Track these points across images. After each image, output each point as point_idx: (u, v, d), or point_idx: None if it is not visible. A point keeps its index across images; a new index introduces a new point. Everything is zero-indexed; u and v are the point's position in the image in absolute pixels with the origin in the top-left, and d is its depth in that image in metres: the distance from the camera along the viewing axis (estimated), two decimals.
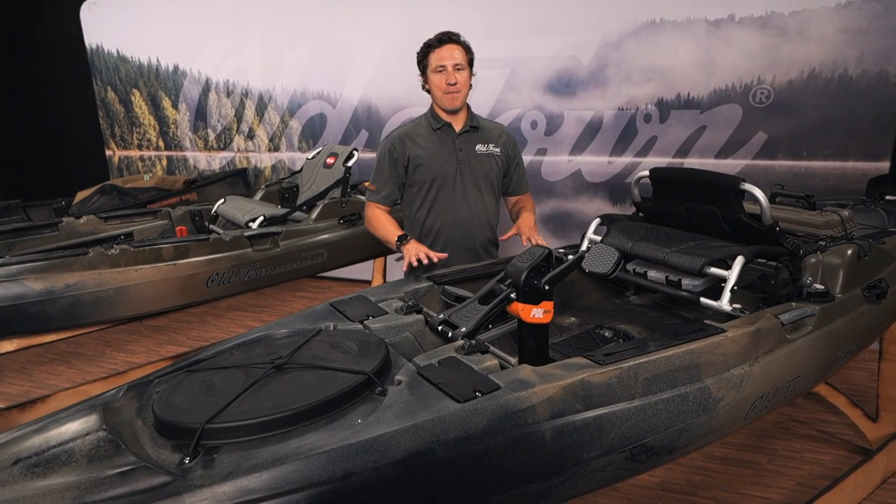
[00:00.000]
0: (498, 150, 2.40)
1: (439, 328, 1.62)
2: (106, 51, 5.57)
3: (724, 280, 1.82)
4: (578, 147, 4.45)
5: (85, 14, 5.51)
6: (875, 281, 1.99)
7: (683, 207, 2.18)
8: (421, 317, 1.68)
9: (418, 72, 2.33)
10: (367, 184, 2.48)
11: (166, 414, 1.18)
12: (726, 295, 1.78)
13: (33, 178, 6.26)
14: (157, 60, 5.45)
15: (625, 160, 4.37)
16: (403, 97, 4.79)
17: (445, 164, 2.32)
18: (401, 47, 4.71)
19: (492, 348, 1.47)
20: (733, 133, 4.07)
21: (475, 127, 2.37)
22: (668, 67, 4.11)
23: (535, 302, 1.61)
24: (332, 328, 1.61)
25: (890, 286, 2.02)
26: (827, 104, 3.85)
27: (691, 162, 4.20)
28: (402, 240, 2.23)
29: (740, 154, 4.10)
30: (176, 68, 5.42)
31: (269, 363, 1.32)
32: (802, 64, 3.84)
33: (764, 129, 4.01)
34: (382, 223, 2.34)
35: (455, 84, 2.22)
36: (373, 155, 5.10)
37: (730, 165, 4.12)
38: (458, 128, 2.34)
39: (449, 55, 2.22)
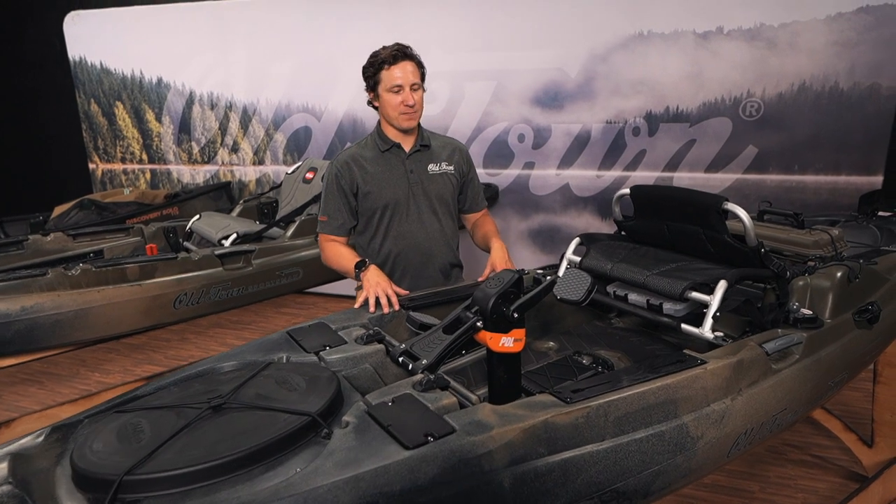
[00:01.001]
0: (451, 167, 2.25)
1: (400, 359, 1.52)
2: (89, 63, 5.49)
3: (707, 305, 1.73)
4: (566, 161, 4.37)
5: (68, 26, 5.44)
6: (866, 305, 1.89)
7: (666, 227, 2.09)
8: (382, 347, 1.57)
9: (365, 86, 2.16)
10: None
11: (83, 463, 1.07)
12: (708, 322, 1.68)
13: (15, 191, 6.16)
14: (141, 73, 5.37)
15: (613, 174, 4.29)
16: None
17: (396, 188, 2.17)
18: None
19: (453, 383, 1.37)
20: (723, 147, 4.00)
21: (426, 145, 2.22)
22: (656, 80, 4.04)
23: (505, 330, 1.50)
24: (284, 360, 1.51)
25: (882, 309, 1.92)
26: (818, 118, 3.78)
27: (681, 176, 4.12)
28: (360, 266, 2.03)
29: (731, 168, 4.02)
30: (160, 80, 5.34)
31: (205, 403, 1.21)
32: (793, 77, 3.77)
33: (754, 143, 3.93)
34: (340, 253, 2.15)
35: (413, 105, 2.08)
36: None
37: (720, 179, 4.04)
38: (407, 148, 2.19)
39: (404, 74, 2.05)
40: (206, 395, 1.25)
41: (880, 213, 2.95)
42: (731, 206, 1.82)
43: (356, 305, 1.90)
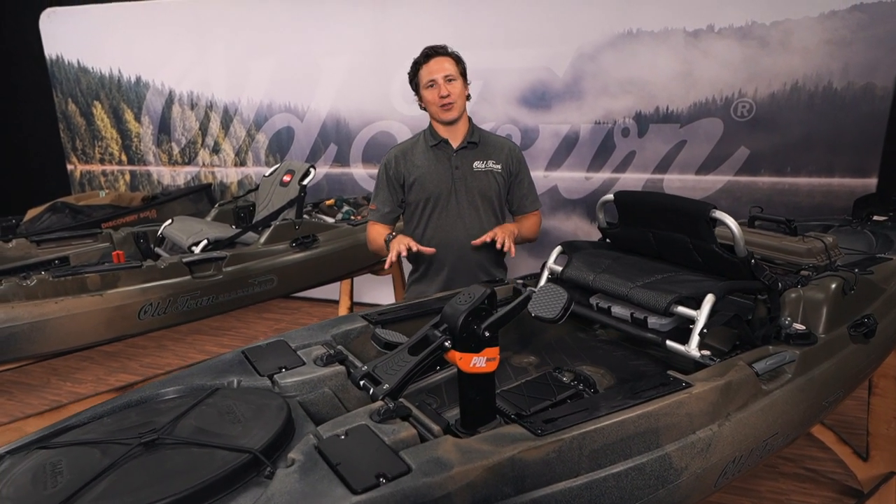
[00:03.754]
0: (498, 166, 2.29)
1: (361, 383, 1.40)
2: (66, 61, 5.34)
3: (693, 320, 1.62)
4: (554, 162, 4.26)
5: (44, 23, 5.28)
6: (862, 318, 1.79)
7: (652, 235, 1.98)
8: (343, 368, 1.45)
9: (412, 91, 2.28)
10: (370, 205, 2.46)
11: None
12: (694, 339, 1.57)
13: None
14: (119, 71, 5.23)
15: (603, 176, 4.19)
16: (373, 110, 4.60)
17: (440, 182, 2.25)
18: (370, 59, 4.52)
19: (415, 411, 1.25)
20: (714, 148, 3.90)
21: (474, 142, 2.27)
22: (646, 80, 3.93)
23: (476, 350, 1.39)
24: (235, 385, 1.39)
25: (878, 322, 1.82)
26: (811, 118, 3.68)
27: (671, 178, 4.02)
28: (389, 239, 2.19)
29: (722, 170, 3.92)
30: (138, 80, 5.20)
31: (136, 439, 1.10)
32: (785, 76, 3.68)
33: (746, 144, 3.83)
34: (377, 233, 2.30)
35: (448, 96, 2.15)
36: (342, 171, 4.91)
37: (711, 182, 3.94)
38: (455, 144, 2.26)
39: (438, 68, 2.16)
40: (140, 429, 1.13)
41: (875, 218, 2.85)
42: (719, 215, 1.71)
43: (386, 265, 2.18)
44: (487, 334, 1.40)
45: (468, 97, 2.27)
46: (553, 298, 1.46)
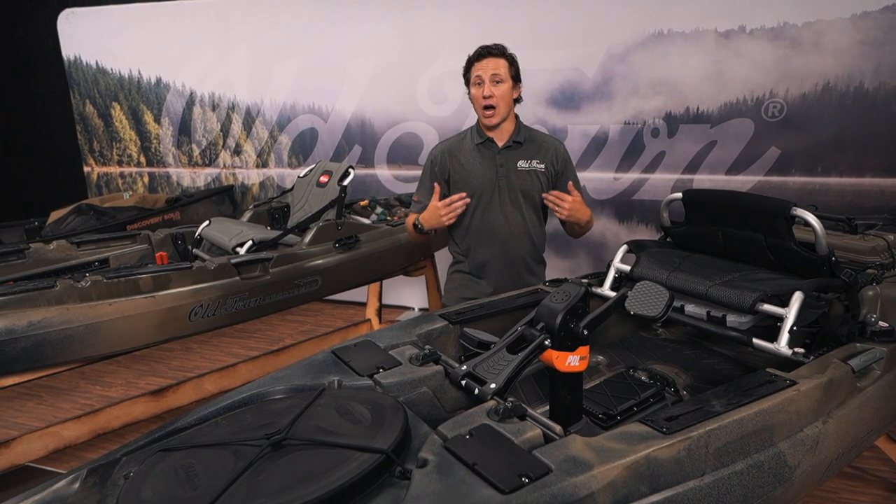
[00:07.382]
0: (542, 166, 2.32)
1: (463, 383, 1.39)
2: (84, 62, 5.30)
3: (778, 318, 1.62)
4: (583, 163, 4.26)
5: (62, 24, 5.24)
6: None
7: (720, 233, 1.98)
8: (440, 368, 1.44)
9: (464, 85, 2.30)
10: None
11: None
12: (784, 336, 1.57)
13: (7, 196, 5.94)
14: (139, 72, 5.19)
15: (631, 176, 4.19)
16: (398, 111, 4.58)
17: (484, 179, 2.30)
18: (396, 60, 4.51)
19: (530, 411, 1.24)
20: (745, 148, 3.91)
21: (518, 142, 2.31)
22: (676, 80, 3.94)
23: (572, 349, 1.39)
24: (336, 385, 1.37)
25: None
26: (842, 118, 3.70)
27: (701, 178, 4.03)
28: (419, 223, 2.28)
29: (752, 170, 3.93)
30: (158, 81, 5.16)
31: (263, 439, 1.08)
32: (816, 77, 3.69)
33: (777, 145, 3.85)
34: (409, 223, 2.37)
35: (490, 97, 2.17)
36: (367, 172, 4.89)
37: (741, 182, 3.95)
38: (500, 143, 2.30)
39: (487, 67, 2.18)
40: (262, 430, 1.12)
41: None
42: (799, 212, 1.71)
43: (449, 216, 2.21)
44: (586, 333, 1.40)
45: (518, 100, 2.29)
46: (653, 296, 1.45)
